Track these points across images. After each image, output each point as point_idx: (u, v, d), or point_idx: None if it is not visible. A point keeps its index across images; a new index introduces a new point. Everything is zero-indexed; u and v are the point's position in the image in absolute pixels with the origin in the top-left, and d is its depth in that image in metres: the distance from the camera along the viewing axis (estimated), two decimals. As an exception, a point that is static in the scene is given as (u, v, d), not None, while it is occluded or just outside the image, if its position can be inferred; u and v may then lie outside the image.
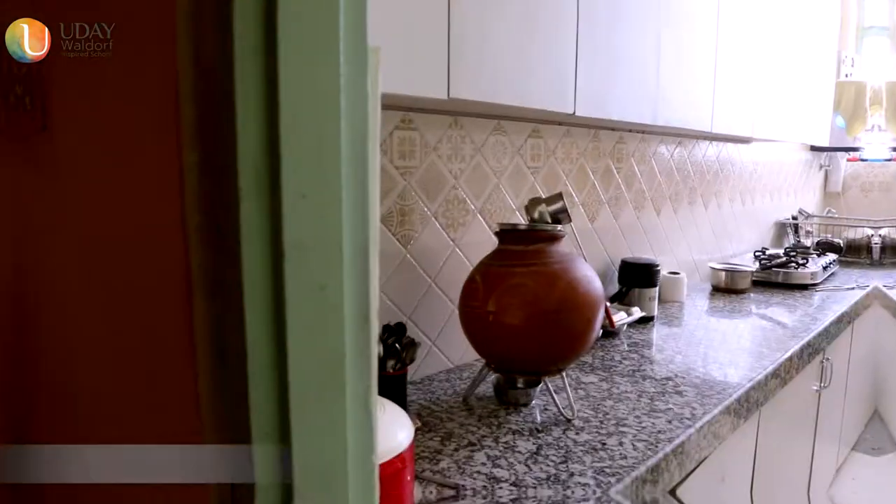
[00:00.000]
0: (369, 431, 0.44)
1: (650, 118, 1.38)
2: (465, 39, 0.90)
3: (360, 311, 0.42)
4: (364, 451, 0.44)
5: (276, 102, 0.36)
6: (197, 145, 0.38)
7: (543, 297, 1.05)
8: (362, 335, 0.43)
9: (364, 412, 0.44)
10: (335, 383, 0.42)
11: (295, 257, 0.38)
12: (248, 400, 0.39)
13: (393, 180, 1.22)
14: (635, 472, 0.92)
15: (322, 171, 0.39)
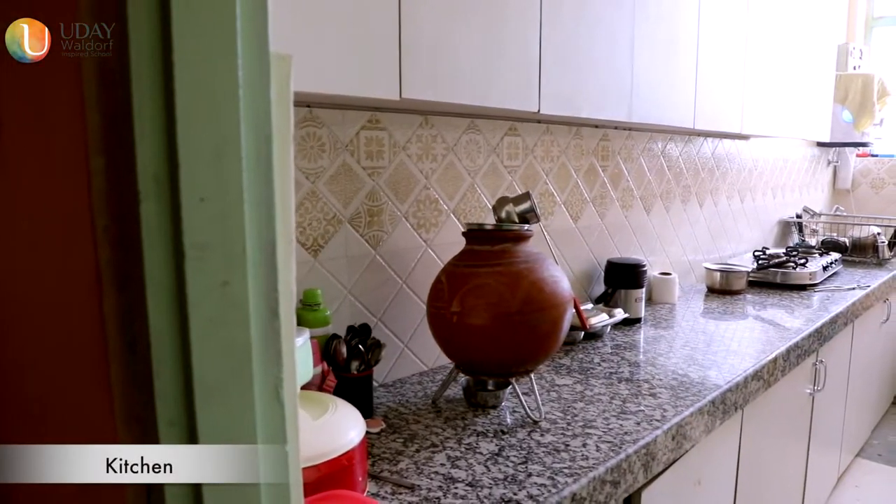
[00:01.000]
0: (281, 421, 0.48)
1: (625, 115, 1.41)
2: (419, 41, 0.94)
3: (267, 306, 0.46)
4: (276, 441, 0.49)
5: (173, 111, 0.41)
6: (102, 151, 0.42)
7: (507, 297, 1.09)
8: (271, 329, 0.47)
9: (275, 403, 0.48)
10: (242, 374, 0.46)
11: (195, 256, 0.43)
12: (153, 388, 0.43)
13: (360, 181, 1.26)
14: (593, 473, 0.95)
15: (221, 175, 0.43)
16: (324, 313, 1.17)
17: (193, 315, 0.43)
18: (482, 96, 1.06)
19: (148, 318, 0.43)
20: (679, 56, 1.60)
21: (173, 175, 0.42)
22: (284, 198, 0.48)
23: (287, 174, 0.48)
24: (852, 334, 2.30)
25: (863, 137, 3.32)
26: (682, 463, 1.21)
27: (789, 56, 2.29)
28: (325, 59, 0.85)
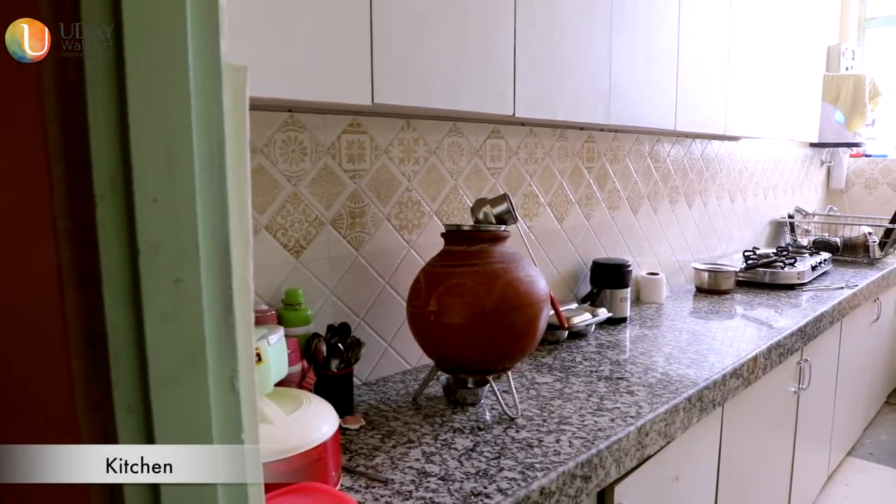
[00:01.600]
0: (236, 411, 0.51)
1: (603, 118, 1.44)
2: (391, 47, 0.97)
3: (221, 302, 0.49)
4: (232, 430, 0.51)
5: (126, 121, 0.44)
6: (62, 159, 0.46)
7: (482, 296, 1.12)
8: (225, 324, 0.50)
9: (231, 394, 0.51)
10: (196, 365, 0.49)
11: (149, 254, 0.46)
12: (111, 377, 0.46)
13: (342, 183, 1.29)
14: (563, 468, 0.98)
15: (173, 178, 0.46)
16: (305, 313, 1.20)
17: (147, 310, 0.46)
18: (456, 100, 1.09)
19: (105, 312, 0.46)
20: (659, 58, 1.63)
21: (127, 178, 0.45)
22: (240, 200, 0.51)
23: (243, 178, 0.51)
24: (840, 333, 2.32)
25: (855, 138, 3.34)
26: (658, 459, 1.24)
27: (775, 57, 2.31)
28: (298, 65, 0.88)
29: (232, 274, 0.50)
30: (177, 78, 0.46)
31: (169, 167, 0.46)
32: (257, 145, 1.16)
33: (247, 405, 0.52)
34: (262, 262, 1.19)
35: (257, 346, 0.82)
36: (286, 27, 0.87)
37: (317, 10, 0.89)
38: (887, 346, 3.05)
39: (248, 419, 0.53)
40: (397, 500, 0.89)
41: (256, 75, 0.84)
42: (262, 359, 0.83)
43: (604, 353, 1.58)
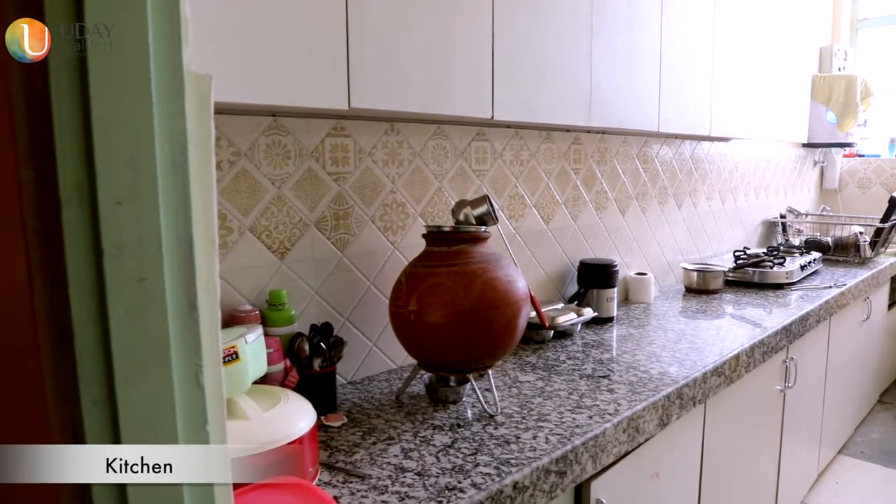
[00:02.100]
0: (202, 404, 0.54)
1: (584, 120, 1.47)
2: (367, 52, 1.00)
3: (186, 299, 0.52)
4: (197, 422, 0.54)
5: (90, 127, 0.47)
6: (30, 164, 0.48)
7: (461, 295, 1.14)
8: (190, 320, 0.52)
9: (196, 387, 0.53)
10: (160, 360, 0.51)
11: (113, 254, 0.48)
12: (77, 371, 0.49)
13: (326, 186, 1.32)
14: (537, 463, 1.00)
15: (136, 182, 0.49)
16: (289, 313, 1.23)
17: (112, 307, 0.49)
18: (433, 104, 1.12)
19: (71, 309, 0.48)
20: (641, 60, 1.65)
21: (91, 182, 0.47)
22: (205, 202, 0.54)
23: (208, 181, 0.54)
24: (829, 332, 2.34)
25: (847, 138, 3.37)
26: (637, 455, 1.26)
27: (762, 58, 2.34)
28: (274, 71, 0.91)
29: (196, 273, 0.53)
30: (139, 87, 0.48)
31: (132, 171, 0.49)
32: (241, 149, 1.18)
33: (213, 399, 0.55)
34: (246, 263, 1.21)
35: (234, 345, 0.85)
36: (262, 34, 0.90)
37: (292, 16, 0.92)
38: (879, 345, 3.07)
39: (215, 413, 0.55)
40: (373, 495, 0.92)
41: (234, 81, 0.87)
42: (240, 357, 0.85)
43: (588, 353, 1.60)
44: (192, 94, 0.53)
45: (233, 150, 1.17)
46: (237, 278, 1.21)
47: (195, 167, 0.53)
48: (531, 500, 0.99)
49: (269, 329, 1.21)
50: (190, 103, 0.53)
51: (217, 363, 0.55)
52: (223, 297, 1.18)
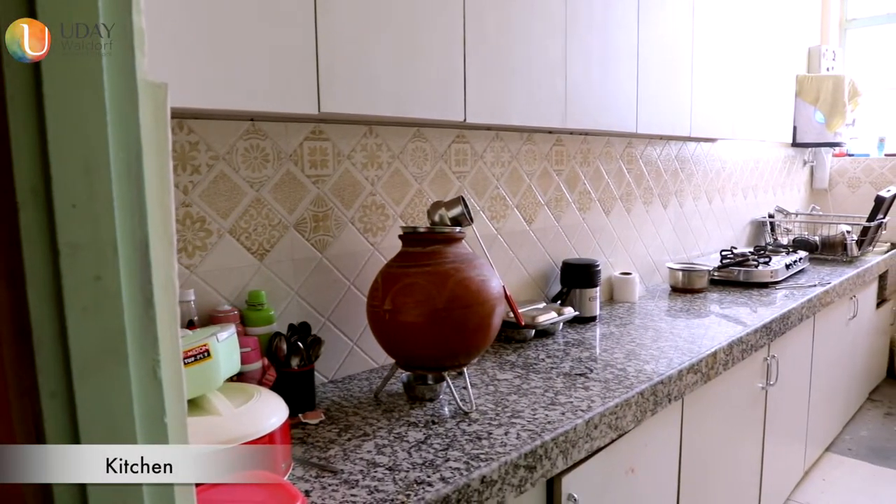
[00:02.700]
0: (159, 397, 0.57)
1: (559, 122, 1.50)
2: (336, 57, 1.03)
3: (142, 297, 0.55)
4: (155, 414, 0.57)
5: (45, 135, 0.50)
6: (-10, 169, 0.51)
7: (434, 294, 1.17)
8: (146, 317, 0.55)
9: (153, 381, 0.56)
10: (117, 355, 0.54)
11: (69, 254, 0.51)
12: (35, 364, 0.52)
13: (305, 188, 1.35)
14: (505, 458, 1.03)
15: (91, 186, 0.52)
16: (268, 313, 1.26)
17: (69, 304, 0.52)
18: (405, 108, 1.15)
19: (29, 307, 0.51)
20: (617, 61, 1.68)
21: (47, 187, 0.50)
22: (163, 205, 0.57)
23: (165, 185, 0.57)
24: (813, 330, 2.37)
25: (835, 138, 3.40)
26: (610, 451, 1.29)
27: (743, 58, 2.37)
28: (244, 77, 0.94)
29: (152, 272, 0.55)
30: (92, 96, 0.51)
31: (87, 176, 0.52)
32: (219, 153, 1.21)
33: (172, 392, 0.58)
34: (225, 264, 1.24)
35: (206, 343, 0.88)
36: (231, 41, 0.92)
37: (261, 23, 0.95)
38: (867, 343, 3.10)
39: (174, 405, 0.58)
40: (343, 489, 0.94)
41: (205, 87, 0.89)
42: (211, 354, 0.88)
43: (568, 351, 1.63)
44: (148, 102, 0.56)
45: (211, 154, 1.20)
46: (216, 279, 1.23)
47: (151, 172, 0.56)
48: (500, 493, 1.02)
49: (248, 329, 1.24)
50: (146, 111, 0.56)
51: (176, 358, 0.58)
52: (203, 298, 1.21)
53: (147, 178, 0.56)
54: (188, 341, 0.89)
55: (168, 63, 0.86)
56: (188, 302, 1.16)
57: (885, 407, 3.22)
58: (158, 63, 0.83)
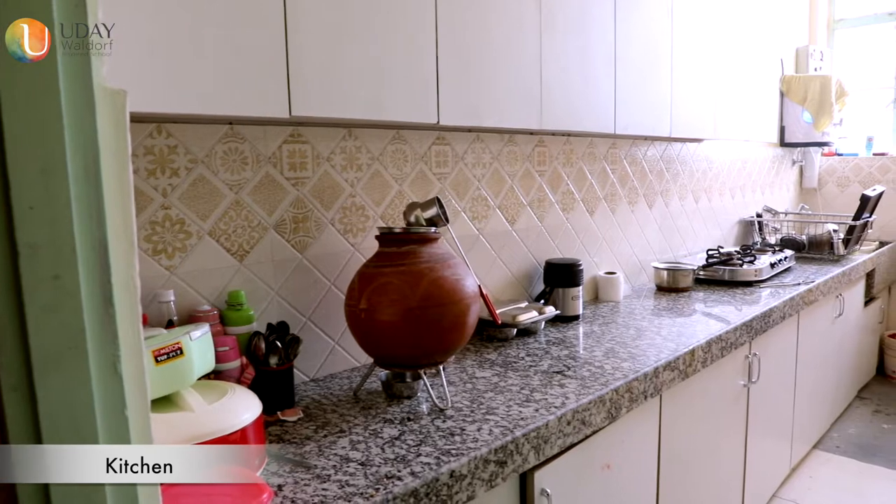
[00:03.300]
0: (120, 391, 0.59)
1: (535, 124, 1.52)
2: (307, 62, 1.05)
3: (101, 295, 0.57)
4: (116, 407, 0.59)
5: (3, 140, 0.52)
6: (-49, 173, 0.54)
7: (408, 294, 1.20)
8: (106, 315, 0.58)
9: (114, 376, 0.59)
10: (76, 350, 0.57)
11: (28, 254, 0.54)
12: (-1, 360, 0.54)
13: (284, 190, 1.37)
14: (475, 453, 1.05)
15: (48, 188, 0.54)
16: (247, 313, 1.28)
17: (28, 302, 0.54)
18: (377, 111, 1.17)
19: (-10, 304, 0.54)
20: (594, 63, 1.71)
21: (5, 190, 0.53)
22: (123, 207, 0.59)
23: (125, 187, 0.59)
24: (797, 328, 2.39)
25: (823, 137, 3.42)
26: (584, 447, 1.31)
27: (724, 58, 2.39)
28: (215, 82, 0.96)
29: (111, 271, 0.58)
30: (49, 103, 0.54)
31: (44, 179, 0.54)
32: (198, 156, 1.24)
33: (133, 386, 0.60)
34: (205, 265, 1.27)
35: (179, 341, 0.90)
36: (202, 46, 0.95)
37: (231, 28, 0.97)
38: (856, 341, 3.12)
39: (135, 398, 0.60)
40: (315, 483, 0.97)
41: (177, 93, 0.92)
42: (184, 352, 0.91)
43: (548, 350, 1.65)
44: (107, 109, 0.59)
45: (190, 157, 1.23)
46: (197, 280, 1.26)
47: (110, 175, 0.58)
48: (469, 487, 1.04)
49: (227, 328, 1.26)
50: (104, 116, 0.58)
51: (138, 354, 0.61)
52: (183, 299, 1.24)
53: (105, 181, 0.58)
54: (161, 339, 0.91)
55: (139, 68, 0.89)
56: (168, 302, 1.18)
57: (873, 405, 3.24)
58: (128, 68, 0.86)
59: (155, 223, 1.20)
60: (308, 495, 0.94)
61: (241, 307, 1.27)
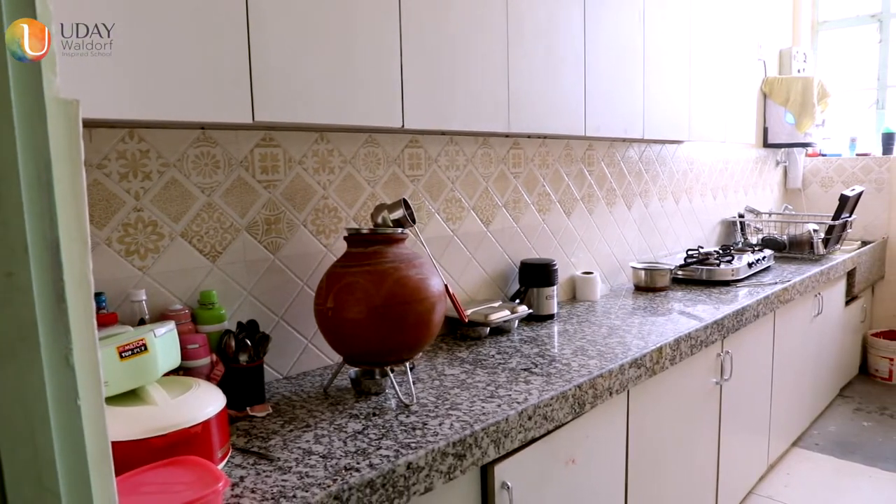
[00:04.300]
0: (72, 382, 0.64)
1: (503, 126, 1.57)
2: (270, 68, 1.10)
3: (53, 292, 0.62)
4: (68, 397, 0.64)
5: (-44, 149, 0.57)
6: None
7: (372, 293, 1.24)
8: (58, 310, 0.62)
9: (66, 367, 0.63)
10: (28, 343, 0.61)
11: (-20, 254, 0.59)
12: (-48, 355, 0.58)
13: (256, 193, 1.42)
14: (432, 446, 1.10)
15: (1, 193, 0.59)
16: (219, 312, 1.33)
17: (-19, 298, 0.59)
18: (341, 115, 1.22)
19: (-56, 300, 0.58)
20: (563, 66, 1.75)
21: (-41, 195, 0.57)
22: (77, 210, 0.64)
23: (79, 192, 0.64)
24: (773, 327, 2.44)
25: (805, 138, 3.48)
26: (547, 441, 1.36)
27: (700, 61, 2.44)
28: (179, 88, 1.01)
29: (63, 269, 0.63)
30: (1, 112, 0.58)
31: (-4, 185, 0.59)
32: (170, 160, 1.28)
33: (86, 378, 0.65)
34: (178, 266, 1.31)
35: (143, 338, 0.95)
36: (167, 54, 0.99)
37: (194, 34, 1.02)
38: (837, 340, 3.17)
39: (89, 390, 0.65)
40: (276, 474, 1.01)
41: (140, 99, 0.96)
42: (148, 349, 0.95)
43: (519, 348, 1.70)
44: (60, 118, 0.63)
45: (162, 161, 1.27)
46: (169, 280, 1.30)
47: (63, 180, 0.63)
48: (427, 479, 1.09)
49: (199, 327, 1.31)
50: (57, 125, 0.63)
51: (91, 347, 0.65)
52: (156, 298, 1.28)
53: (58, 186, 0.63)
54: (126, 336, 0.96)
55: (102, 76, 0.93)
56: (140, 301, 1.23)
57: (855, 403, 3.29)
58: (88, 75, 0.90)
59: (127, 225, 1.24)
60: (268, 486, 0.98)
61: (212, 306, 1.32)
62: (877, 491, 2.48)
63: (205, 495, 0.80)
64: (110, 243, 1.22)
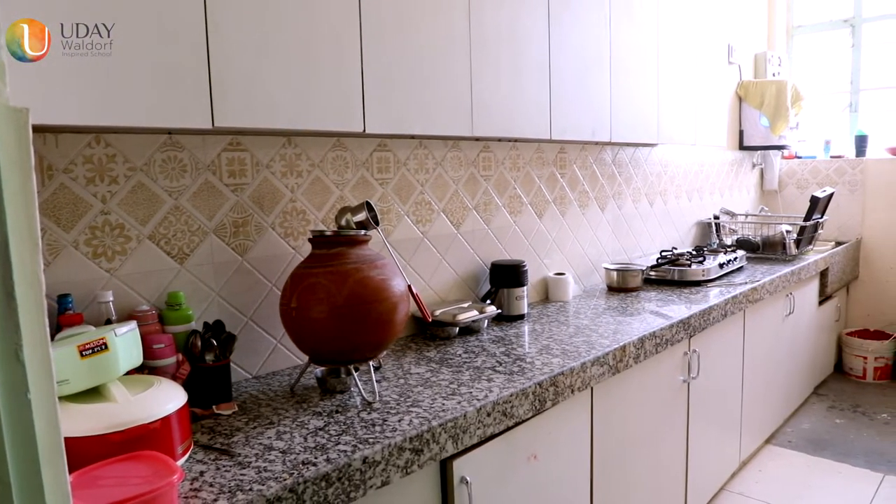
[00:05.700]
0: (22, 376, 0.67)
1: (467, 130, 1.61)
2: (229, 74, 1.14)
3: (3, 290, 0.66)
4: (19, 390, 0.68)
5: None
6: None
7: (334, 293, 1.28)
8: (7, 307, 0.66)
9: (15, 362, 0.67)
10: (-20, 340, 0.65)
11: (-69, 255, 0.62)
12: None
13: (224, 196, 1.45)
14: (389, 441, 1.14)
15: (-50, 198, 0.62)
16: (186, 312, 1.36)
17: (-68, 297, 0.62)
18: (300, 120, 1.26)
19: None
20: (528, 72, 1.79)
21: (-90, 199, 0.61)
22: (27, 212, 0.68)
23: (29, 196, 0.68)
24: (743, 326, 2.50)
25: (780, 141, 3.55)
26: (507, 437, 1.40)
27: (669, 64, 2.50)
28: (137, 95, 1.04)
29: (13, 269, 0.66)
30: (-50, 124, 0.62)
31: (-55, 190, 0.62)
32: (136, 164, 1.32)
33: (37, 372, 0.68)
34: (145, 268, 1.35)
35: (104, 336, 0.98)
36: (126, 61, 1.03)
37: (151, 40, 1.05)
38: (811, 339, 3.24)
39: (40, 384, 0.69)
40: (235, 469, 1.05)
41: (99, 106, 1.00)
42: (109, 347, 0.98)
43: (486, 347, 1.74)
44: (10, 125, 0.67)
45: (128, 165, 1.31)
46: (137, 282, 1.34)
47: (13, 185, 0.67)
48: (384, 473, 1.13)
49: (166, 327, 1.34)
50: (7, 132, 0.67)
51: (43, 343, 0.69)
52: (123, 299, 1.31)
53: (7, 190, 0.67)
54: (88, 335, 0.99)
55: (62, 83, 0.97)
56: (107, 302, 1.26)
57: (829, 400, 3.36)
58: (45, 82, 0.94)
59: (94, 228, 1.28)
60: (226, 479, 1.02)
61: (179, 307, 1.35)
62: (846, 486, 2.54)
63: (158, 487, 0.84)
64: (77, 246, 1.25)
